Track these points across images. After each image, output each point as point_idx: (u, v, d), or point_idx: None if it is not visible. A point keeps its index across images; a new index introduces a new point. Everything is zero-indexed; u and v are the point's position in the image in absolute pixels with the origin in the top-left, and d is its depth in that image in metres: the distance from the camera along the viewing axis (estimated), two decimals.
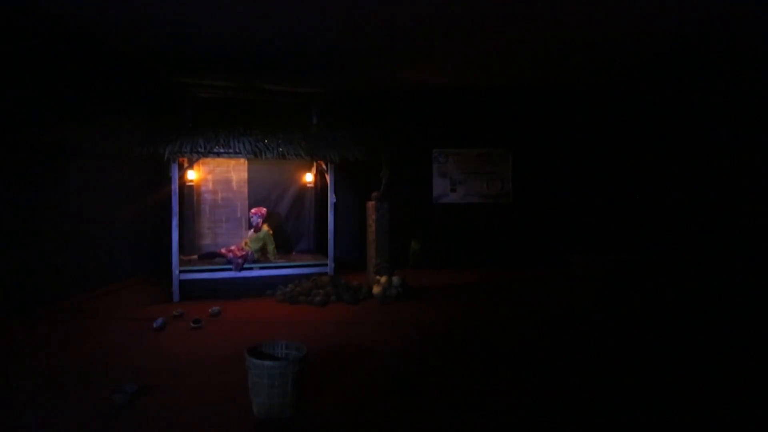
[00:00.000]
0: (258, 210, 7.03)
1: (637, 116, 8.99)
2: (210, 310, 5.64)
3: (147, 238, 7.65)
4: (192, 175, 7.23)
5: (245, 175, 7.71)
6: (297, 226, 8.11)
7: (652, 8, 5.27)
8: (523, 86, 8.91)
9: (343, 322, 5.37)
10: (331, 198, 7.20)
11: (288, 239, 8.03)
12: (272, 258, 6.99)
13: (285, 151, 6.52)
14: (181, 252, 6.72)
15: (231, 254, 6.61)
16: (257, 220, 6.94)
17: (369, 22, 5.72)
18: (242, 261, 6.63)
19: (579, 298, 6.55)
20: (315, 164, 7.73)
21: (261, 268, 6.80)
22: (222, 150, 6.39)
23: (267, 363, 3.05)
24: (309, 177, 7.99)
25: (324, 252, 7.38)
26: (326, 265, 7.05)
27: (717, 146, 8.59)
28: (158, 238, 7.45)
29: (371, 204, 7.10)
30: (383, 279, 6.45)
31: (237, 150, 6.40)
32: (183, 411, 3.19)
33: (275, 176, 7.90)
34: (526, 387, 3.63)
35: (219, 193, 7.62)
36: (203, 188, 7.54)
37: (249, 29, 5.92)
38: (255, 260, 6.81)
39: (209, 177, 7.56)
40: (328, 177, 7.18)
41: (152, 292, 6.70)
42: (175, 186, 6.40)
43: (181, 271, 6.37)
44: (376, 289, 6.35)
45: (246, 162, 7.59)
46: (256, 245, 6.90)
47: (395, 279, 6.50)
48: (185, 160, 6.77)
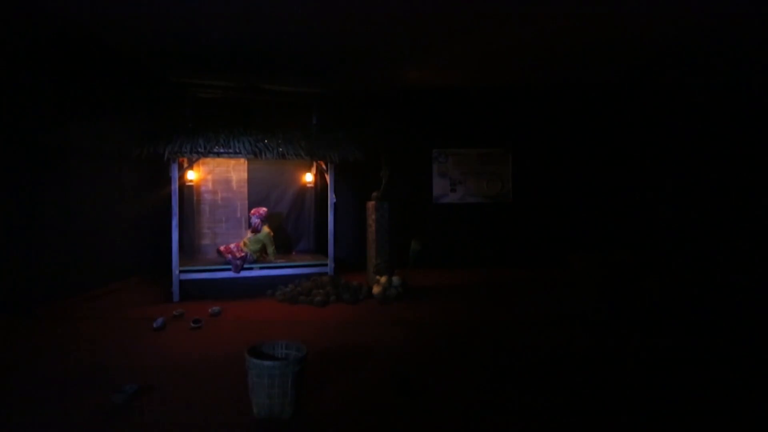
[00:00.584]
0: (257, 210, 6.98)
1: (637, 116, 9.00)
2: (210, 310, 5.64)
3: (147, 238, 7.65)
4: (192, 175, 7.22)
5: (245, 175, 7.70)
6: (297, 226, 8.10)
7: (652, 8, 5.28)
8: (523, 86, 8.91)
9: (343, 322, 5.36)
10: (331, 198, 7.20)
11: (288, 239, 8.02)
12: (272, 259, 6.98)
13: (285, 151, 6.52)
14: (181, 252, 6.72)
15: (230, 255, 6.61)
16: (256, 221, 6.91)
17: (369, 22, 5.73)
18: (241, 263, 6.62)
19: (579, 298, 6.55)
20: (315, 164, 7.72)
21: (261, 269, 6.80)
22: (222, 150, 6.39)
23: (267, 363, 3.04)
24: (309, 177, 7.98)
25: (324, 252, 7.38)
26: (326, 265, 7.05)
27: (717, 146, 8.60)
28: (158, 238, 7.45)
29: (371, 204, 7.10)
30: (383, 279, 6.45)
31: (237, 150, 6.39)
32: (183, 411, 3.19)
33: (275, 176, 7.90)
34: (527, 387, 3.63)
35: (219, 193, 7.62)
36: (203, 188, 7.54)
37: (249, 29, 5.92)
38: (254, 261, 6.80)
39: (209, 177, 7.56)
40: (328, 177, 7.18)
41: (152, 292, 6.71)
42: (175, 186, 6.39)
43: (181, 271, 6.37)
44: (376, 289, 6.35)
45: (246, 162, 7.59)
46: (255, 246, 6.87)
47: (395, 279, 6.50)
48: (185, 160, 6.77)
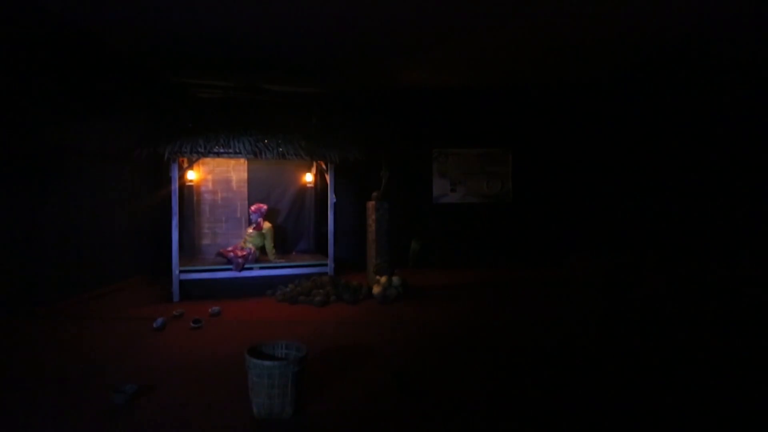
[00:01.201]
0: (258, 207, 6.99)
1: (637, 116, 9.00)
2: (210, 310, 5.64)
3: (147, 238, 7.65)
4: (192, 175, 7.23)
5: (245, 175, 7.70)
6: (297, 226, 8.10)
7: (652, 8, 5.28)
8: (523, 86, 8.91)
9: (343, 322, 5.36)
10: (331, 198, 7.20)
11: (288, 239, 8.03)
12: (271, 257, 6.99)
13: (285, 151, 6.52)
14: (182, 252, 6.72)
15: (232, 254, 6.61)
16: (257, 218, 6.94)
17: (369, 22, 5.73)
18: (243, 261, 6.62)
19: (579, 298, 6.55)
20: (315, 164, 7.73)
21: (261, 268, 6.80)
22: (222, 150, 6.39)
23: (267, 363, 3.05)
24: (309, 177, 7.98)
25: (324, 252, 7.38)
26: (326, 265, 7.05)
27: (717, 146, 8.59)
28: (158, 238, 7.45)
29: (371, 204, 7.10)
30: (383, 279, 6.45)
31: (237, 150, 6.39)
32: (183, 411, 3.19)
33: (275, 176, 7.90)
34: (527, 387, 3.63)
35: (219, 193, 7.62)
36: (203, 188, 7.54)
37: (249, 29, 5.92)
38: (256, 259, 6.81)
39: (209, 177, 7.56)
40: (328, 177, 7.18)
41: (152, 292, 6.70)
42: (175, 186, 6.40)
43: (181, 271, 6.37)
44: (376, 289, 6.35)
45: (246, 162, 7.59)
46: (257, 241, 6.90)
47: (395, 279, 6.50)
48: (185, 160, 6.77)
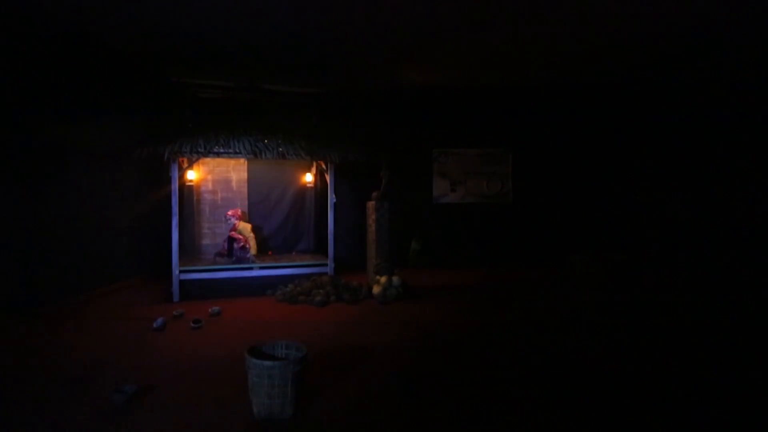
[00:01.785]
0: (234, 212, 7.12)
1: (637, 116, 9.00)
2: (210, 310, 5.65)
3: (147, 238, 7.65)
4: (192, 175, 7.23)
5: (245, 175, 7.71)
6: (297, 226, 8.11)
7: (652, 8, 5.27)
8: (523, 86, 8.91)
9: (343, 322, 5.37)
10: (331, 198, 7.20)
11: (288, 239, 8.03)
12: (252, 254, 7.11)
13: (285, 151, 6.52)
14: (181, 252, 6.72)
15: (233, 245, 6.74)
16: (233, 221, 7.07)
17: (369, 22, 5.72)
18: (241, 252, 6.75)
19: (579, 298, 6.55)
20: (315, 164, 7.73)
21: (261, 268, 6.81)
22: (222, 150, 6.39)
23: (267, 363, 3.05)
24: (309, 177, 7.99)
25: (324, 252, 7.38)
26: (326, 265, 7.05)
27: (717, 146, 8.59)
28: (158, 238, 7.46)
29: (371, 204, 7.10)
30: (383, 279, 6.45)
31: (237, 150, 6.40)
32: (183, 411, 3.19)
33: (275, 176, 7.90)
34: (527, 387, 3.63)
35: (219, 193, 7.63)
36: (203, 188, 7.54)
37: (249, 29, 5.92)
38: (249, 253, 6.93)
39: (209, 177, 7.56)
40: (328, 177, 7.19)
41: (152, 292, 6.71)
42: (175, 186, 6.40)
43: (181, 271, 6.37)
44: (376, 289, 6.35)
45: (246, 162, 7.59)
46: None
47: (395, 279, 6.50)
48: (185, 160, 6.77)
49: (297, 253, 7.88)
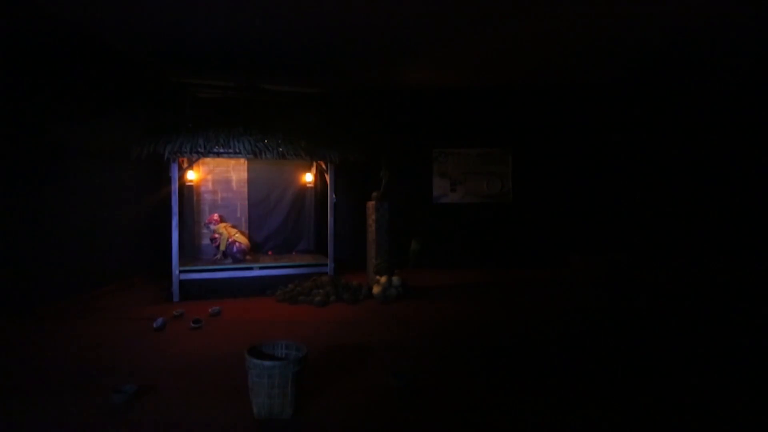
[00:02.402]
0: (210, 218, 7.15)
1: (637, 116, 9.00)
2: (210, 310, 5.65)
3: (147, 238, 7.66)
4: (192, 175, 7.23)
5: (245, 175, 7.71)
6: (297, 226, 8.11)
7: (652, 8, 5.28)
8: (523, 86, 8.91)
9: (343, 322, 5.37)
10: (331, 198, 7.20)
11: (288, 239, 8.03)
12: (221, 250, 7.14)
13: (285, 151, 6.52)
14: (181, 252, 6.72)
15: (234, 248, 6.83)
16: (212, 227, 7.09)
17: (369, 22, 5.72)
18: (239, 254, 6.75)
19: (579, 298, 6.55)
20: (315, 164, 7.73)
21: (261, 268, 6.81)
22: (222, 150, 6.39)
23: (267, 363, 3.04)
24: (309, 177, 7.99)
25: (324, 252, 7.38)
26: (326, 265, 7.05)
27: (716, 146, 8.60)
28: (158, 238, 7.45)
29: (371, 204, 7.10)
30: (383, 279, 6.46)
31: (237, 150, 6.40)
32: (183, 411, 3.19)
33: (275, 176, 7.90)
34: (527, 387, 3.63)
35: (219, 193, 7.63)
36: (203, 188, 7.55)
37: (249, 29, 5.92)
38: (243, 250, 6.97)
39: (209, 177, 7.57)
40: (328, 177, 7.19)
41: (152, 292, 6.71)
42: (175, 186, 6.40)
43: (181, 271, 6.37)
44: (376, 289, 6.35)
45: (246, 162, 7.59)
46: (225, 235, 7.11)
47: (395, 279, 6.50)
48: (185, 160, 6.77)
49: (297, 253, 7.88)
